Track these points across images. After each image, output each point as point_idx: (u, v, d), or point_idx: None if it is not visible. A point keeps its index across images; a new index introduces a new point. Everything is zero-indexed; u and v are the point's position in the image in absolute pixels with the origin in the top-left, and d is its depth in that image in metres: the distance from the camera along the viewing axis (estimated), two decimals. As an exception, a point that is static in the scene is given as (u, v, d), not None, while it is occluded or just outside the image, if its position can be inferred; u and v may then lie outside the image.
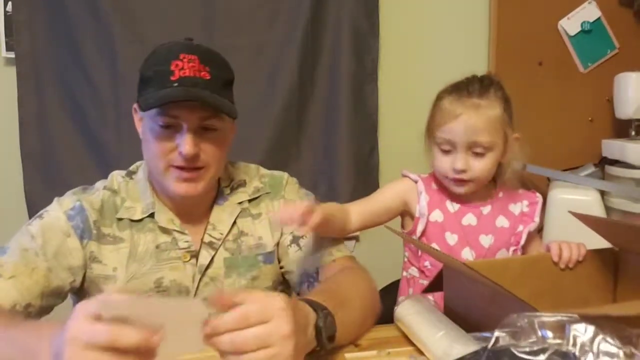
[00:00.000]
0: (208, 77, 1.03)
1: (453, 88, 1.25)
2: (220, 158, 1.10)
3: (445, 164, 1.23)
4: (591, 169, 2.27)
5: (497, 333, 0.69)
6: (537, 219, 1.28)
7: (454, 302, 1.01)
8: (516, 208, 1.29)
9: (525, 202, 1.30)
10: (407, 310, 0.99)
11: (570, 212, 1.07)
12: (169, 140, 1.04)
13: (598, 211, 1.99)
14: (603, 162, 2.28)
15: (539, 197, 1.31)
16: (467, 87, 1.23)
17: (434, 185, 1.30)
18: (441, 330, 0.89)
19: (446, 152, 1.23)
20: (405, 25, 2.27)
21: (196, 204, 1.13)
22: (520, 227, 1.27)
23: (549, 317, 0.69)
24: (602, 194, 2.07)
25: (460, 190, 1.24)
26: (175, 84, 1.01)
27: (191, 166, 1.04)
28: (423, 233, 1.27)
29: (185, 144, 1.02)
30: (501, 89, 1.25)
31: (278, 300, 0.74)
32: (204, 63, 1.04)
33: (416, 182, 1.30)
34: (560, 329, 0.68)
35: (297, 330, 0.75)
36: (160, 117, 1.02)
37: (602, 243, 1.10)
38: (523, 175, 1.31)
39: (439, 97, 1.27)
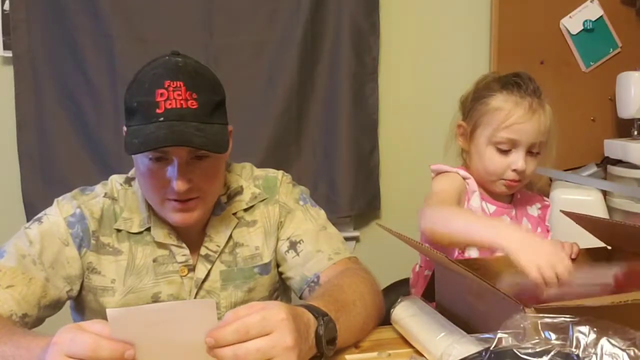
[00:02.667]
0: (195, 106, 0.98)
1: (509, 85, 1.21)
2: (216, 183, 1.07)
3: (502, 164, 1.20)
4: (593, 169, 2.27)
5: (499, 334, 0.68)
6: (547, 224, 1.30)
7: (446, 301, 1.01)
8: (533, 210, 1.30)
9: (538, 205, 1.32)
10: (405, 312, 0.98)
11: (561, 211, 1.06)
12: (161, 174, 1.00)
13: (600, 211, 1.98)
14: (605, 162, 2.27)
15: (547, 201, 1.33)
16: (527, 87, 1.20)
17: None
18: (441, 331, 0.88)
19: (504, 152, 1.20)
20: (406, 24, 2.27)
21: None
22: (539, 229, 1.28)
23: (552, 319, 0.68)
24: (605, 194, 2.06)
25: (508, 191, 1.23)
26: (161, 119, 0.96)
27: (185, 198, 1.02)
28: None
29: (177, 180, 0.99)
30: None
31: (279, 311, 0.74)
32: (191, 89, 0.98)
33: (466, 179, 1.25)
34: (564, 331, 0.67)
35: (299, 339, 0.75)
36: (149, 152, 0.99)
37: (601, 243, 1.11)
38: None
39: (490, 93, 1.22)
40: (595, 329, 0.67)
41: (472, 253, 1.26)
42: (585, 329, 0.67)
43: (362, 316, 0.97)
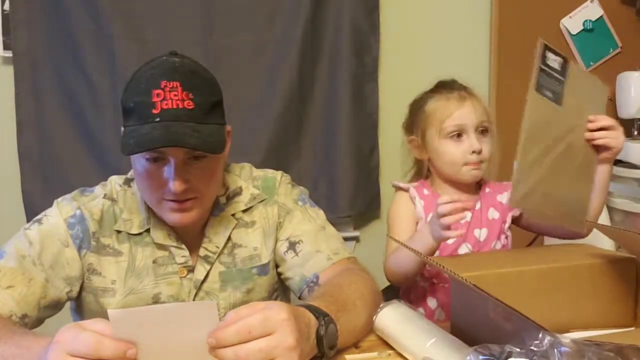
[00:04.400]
0: (191, 106, 0.97)
1: (436, 89, 1.35)
2: (213, 183, 1.07)
3: (459, 150, 1.28)
4: (593, 169, 2.26)
5: (509, 347, 0.67)
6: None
7: (463, 319, 0.98)
8: (503, 198, 1.34)
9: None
10: (388, 319, 0.97)
11: (588, 221, 1.02)
12: (158, 174, 1.00)
13: (600, 211, 1.97)
14: (605, 162, 2.26)
15: None
16: (452, 85, 1.34)
17: (425, 191, 1.34)
18: (431, 337, 0.87)
19: (458, 138, 1.28)
20: (406, 24, 2.26)
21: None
22: (510, 214, 1.33)
23: (570, 343, 0.66)
24: (605, 194, 2.06)
25: (477, 175, 1.29)
26: (157, 119, 0.96)
27: (182, 199, 1.02)
28: None
29: (173, 181, 0.98)
30: None
31: (280, 311, 0.74)
32: (187, 89, 0.98)
33: (408, 189, 1.35)
34: (581, 355, 0.66)
35: (301, 339, 0.75)
36: (146, 152, 0.99)
37: (604, 244, 1.09)
38: None
39: (424, 102, 1.35)
40: (616, 357, 0.65)
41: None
42: (604, 356, 0.65)
43: (363, 316, 0.97)
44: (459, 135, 1.28)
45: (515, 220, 1.35)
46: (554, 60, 1.16)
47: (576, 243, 1.13)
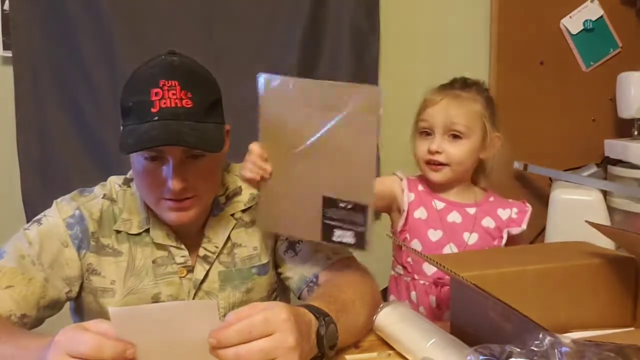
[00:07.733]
0: (190, 105, 0.98)
1: (442, 85, 1.35)
2: (212, 182, 1.07)
3: (423, 147, 1.30)
4: (593, 169, 2.26)
5: (510, 347, 0.67)
6: (524, 226, 1.33)
7: (463, 319, 0.98)
8: (504, 213, 1.33)
9: (515, 210, 1.34)
10: (389, 319, 0.97)
11: (587, 222, 1.02)
12: (157, 174, 1.01)
13: (600, 211, 1.98)
14: (605, 162, 2.27)
15: (528, 207, 1.36)
16: (451, 83, 1.33)
17: (420, 187, 1.35)
18: (431, 337, 0.87)
19: (426, 136, 1.30)
20: (406, 24, 2.26)
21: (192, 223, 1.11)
22: (507, 230, 1.32)
23: (571, 344, 0.66)
24: (605, 194, 2.06)
25: (436, 176, 1.30)
26: (156, 118, 0.96)
27: (181, 198, 1.02)
28: (405, 229, 1.32)
29: (172, 180, 0.99)
30: (486, 90, 1.34)
31: (281, 312, 0.74)
32: (186, 88, 0.98)
33: (402, 179, 1.36)
34: (581, 356, 0.66)
35: (301, 339, 0.75)
36: (144, 151, 0.99)
37: (604, 244, 1.08)
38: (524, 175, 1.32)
39: (425, 96, 1.36)
40: (617, 358, 0.65)
41: (416, 245, 1.30)
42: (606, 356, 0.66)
43: (362, 316, 0.97)
44: (428, 133, 1.30)
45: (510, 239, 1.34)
46: None
47: (576, 242, 1.12)
